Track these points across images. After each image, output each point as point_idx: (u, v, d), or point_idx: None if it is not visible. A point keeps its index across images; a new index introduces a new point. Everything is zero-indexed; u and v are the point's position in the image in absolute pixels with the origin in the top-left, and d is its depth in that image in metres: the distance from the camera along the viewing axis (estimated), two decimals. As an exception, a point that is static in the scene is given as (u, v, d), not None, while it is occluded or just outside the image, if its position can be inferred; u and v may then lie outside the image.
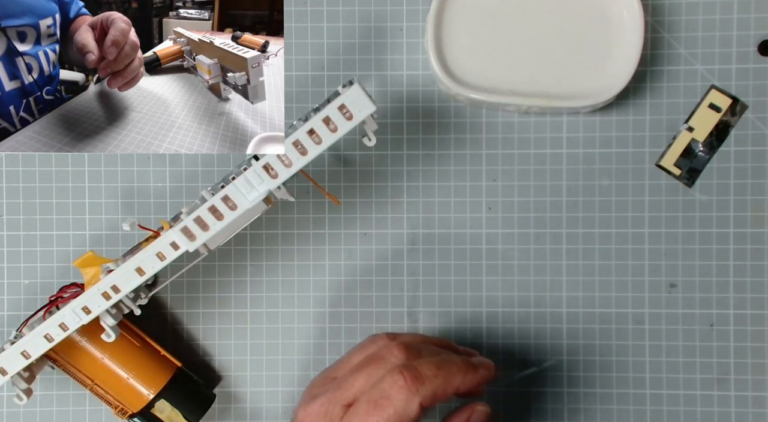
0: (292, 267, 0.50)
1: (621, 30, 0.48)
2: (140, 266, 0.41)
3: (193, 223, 0.41)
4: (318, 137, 0.40)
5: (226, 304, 0.51)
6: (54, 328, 0.42)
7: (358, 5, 0.50)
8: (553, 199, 0.50)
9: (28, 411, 0.50)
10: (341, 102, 0.40)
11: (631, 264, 0.50)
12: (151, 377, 0.47)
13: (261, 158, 0.41)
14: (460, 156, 0.50)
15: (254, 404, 0.51)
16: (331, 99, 0.40)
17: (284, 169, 0.40)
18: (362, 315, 0.51)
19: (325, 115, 0.40)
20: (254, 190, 0.41)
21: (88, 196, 0.50)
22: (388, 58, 0.50)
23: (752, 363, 0.50)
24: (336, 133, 0.40)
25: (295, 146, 0.40)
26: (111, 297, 0.42)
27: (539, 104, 0.48)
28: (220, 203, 0.41)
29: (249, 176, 0.41)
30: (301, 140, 0.40)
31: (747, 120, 0.50)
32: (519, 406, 0.50)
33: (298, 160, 0.40)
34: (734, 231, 0.50)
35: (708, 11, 0.49)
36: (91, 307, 0.42)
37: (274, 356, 0.51)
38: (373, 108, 0.40)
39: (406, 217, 0.50)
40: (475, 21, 0.48)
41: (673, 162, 0.50)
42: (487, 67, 0.48)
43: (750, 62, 0.49)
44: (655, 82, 0.50)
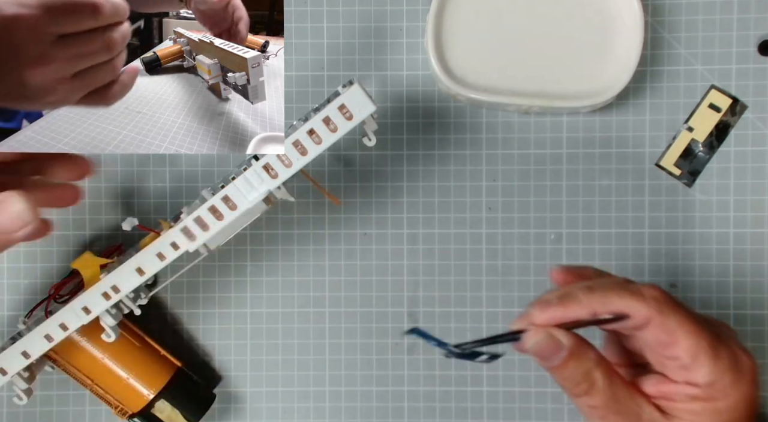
0: (292, 267, 0.50)
1: (621, 30, 0.48)
2: (140, 266, 0.41)
3: (193, 223, 0.41)
4: (318, 137, 0.40)
5: (226, 304, 0.51)
6: (54, 328, 0.42)
7: (358, 5, 0.50)
8: (553, 199, 0.50)
9: (28, 411, 0.50)
10: (341, 102, 0.40)
11: (631, 264, 0.50)
12: (151, 377, 0.47)
13: (261, 158, 0.41)
14: (460, 156, 0.50)
15: (254, 404, 0.51)
16: (331, 99, 0.40)
17: (284, 169, 0.41)
18: (362, 315, 0.51)
19: (325, 115, 0.40)
20: (254, 190, 0.41)
21: (87, 196, 0.50)
22: (388, 58, 0.50)
23: (752, 363, 0.50)
24: (336, 133, 0.40)
25: (295, 146, 0.40)
26: (111, 298, 0.42)
27: (539, 104, 0.48)
28: (220, 203, 0.41)
29: (249, 176, 0.41)
30: (301, 140, 0.40)
31: (747, 120, 0.50)
32: (519, 406, 0.50)
33: (298, 160, 0.40)
34: (734, 232, 0.50)
35: (708, 11, 0.49)
36: (91, 307, 0.42)
37: (274, 356, 0.51)
38: (373, 108, 0.40)
39: (406, 217, 0.50)
40: (475, 21, 0.48)
41: (673, 162, 0.50)
42: (487, 67, 0.48)
43: (750, 62, 0.49)
44: (655, 82, 0.50)
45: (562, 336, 0.35)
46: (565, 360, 0.35)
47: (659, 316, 0.35)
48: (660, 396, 0.36)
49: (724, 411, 0.35)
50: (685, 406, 0.35)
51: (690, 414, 0.35)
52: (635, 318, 0.35)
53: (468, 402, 0.50)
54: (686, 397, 0.35)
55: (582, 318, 0.35)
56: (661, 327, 0.35)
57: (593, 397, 0.35)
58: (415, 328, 0.37)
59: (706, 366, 0.35)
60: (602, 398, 0.35)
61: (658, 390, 0.36)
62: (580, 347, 0.35)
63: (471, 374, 0.50)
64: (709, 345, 0.35)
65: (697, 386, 0.35)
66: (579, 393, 0.36)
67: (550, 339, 0.35)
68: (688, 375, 0.35)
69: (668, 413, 0.36)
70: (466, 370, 0.50)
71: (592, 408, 0.36)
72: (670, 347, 0.35)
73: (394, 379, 0.51)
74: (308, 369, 0.51)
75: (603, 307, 0.35)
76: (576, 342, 0.35)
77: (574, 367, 0.35)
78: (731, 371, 0.35)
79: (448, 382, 0.50)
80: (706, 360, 0.35)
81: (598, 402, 0.35)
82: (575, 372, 0.35)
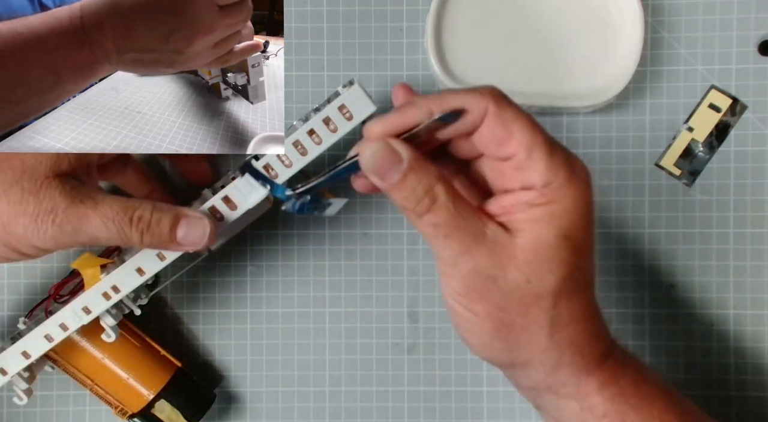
0: (292, 267, 0.50)
1: (621, 30, 0.48)
2: (140, 266, 0.41)
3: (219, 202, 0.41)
4: (318, 137, 0.40)
5: (226, 304, 0.51)
6: (54, 328, 0.42)
7: (358, 5, 0.50)
8: (553, 199, 0.50)
9: (28, 411, 0.50)
10: (341, 102, 0.40)
11: (631, 264, 0.50)
12: (151, 377, 0.47)
13: (261, 158, 0.41)
14: (460, 156, 0.50)
15: (254, 404, 0.51)
16: (332, 99, 0.40)
17: (284, 169, 0.41)
18: (362, 315, 0.51)
19: (325, 115, 0.40)
20: (254, 190, 0.41)
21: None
22: (388, 58, 0.50)
23: (752, 364, 0.50)
24: (336, 133, 0.40)
25: (295, 146, 0.40)
26: (111, 298, 0.42)
27: (539, 104, 0.48)
28: (220, 203, 0.41)
29: (249, 177, 0.41)
30: (301, 140, 0.40)
31: (747, 120, 0.50)
32: (519, 406, 0.50)
33: (298, 160, 0.40)
34: (734, 232, 0.50)
35: (708, 11, 0.49)
36: (91, 307, 0.42)
37: (274, 356, 0.51)
38: (373, 108, 0.40)
39: (406, 218, 0.50)
40: (475, 21, 0.48)
41: (673, 162, 0.50)
42: (486, 67, 0.48)
43: (750, 62, 0.49)
44: (655, 82, 0.50)
45: (400, 147, 0.34)
46: (405, 174, 0.34)
47: (495, 107, 0.34)
48: (501, 212, 0.35)
49: (563, 213, 0.34)
50: (524, 215, 0.35)
51: (530, 223, 0.34)
52: (472, 112, 0.34)
53: (468, 402, 0.50)
54: (524, 205, 0.35)
55: (419, 121, 0.34)
56: (497, 120, 0.34)
57: (436, 213, 0.34)
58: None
59: (542, 162, 0.34)
60: (446, 213, 0.34)
61: (499, 206, 0.35)
62: (419, 160, 0.34)
63: (471, 374, 0.50)
64: (543, 141, 0.34)
65: (533, 188, 0.34)
66: (421, 211, 0.34)
67: (387, 149, 0.34)
68: (524, 177, 0.35)
69: (510, 228, 0.35)
70: (466, 370, 0.50)
71: (436, 226, 0.34)
72: (506, 143, 0.34)
73: (394, 379, 0.51)
74: (308, 369, 0.51)
75: (439, 106, 0.34)
76: (415, 154, 0.34)
77: (415, 181, 0.34)
78: (565, 169, 0.35)
79: (448, 382, 0.50)
80: (541, 156, 0.34)
81: (442, 218, 0.34)
82: (417, 187, 0.34)
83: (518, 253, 0.34)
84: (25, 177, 0.36)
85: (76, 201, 0.37)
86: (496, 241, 0.34)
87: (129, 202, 0.38)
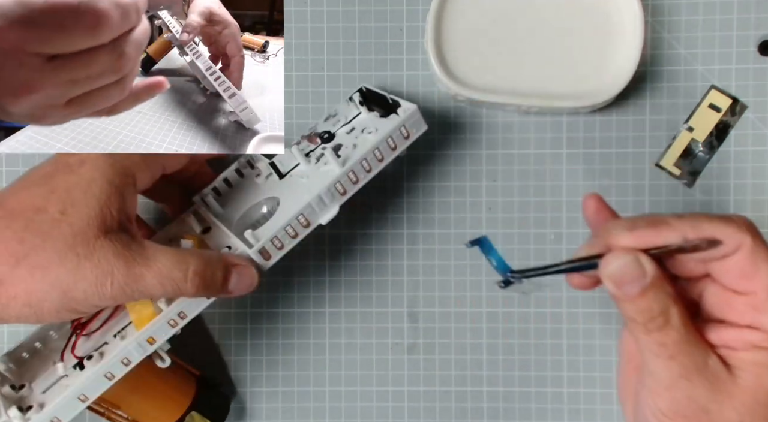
0: (292, 267, 0.50)
1: (621, 30, 0.48)
2: None
3: (271, 245, 0.42)
4: (381, 154, 0.44)
5: (226, 304, 0.51)
6: (116, 365, 0.40)
7: (358, 5, 0.50)
8: (553, 199, 0.50)
9: None
10: (402, 123, 0.43)
11: (631, 264, 0.50)
12: (177, 394, 0.46)
13: (329, 178, 0.42)
14: (460, 156, 0.50)
15: (254, 404, 0.51)
16: (384, 116, 0.44)
17: (352, 185, 0.43)
18: (362, 315, 0.51)
19: (388, 136, 0.43)
20: (327, 208, 0.43)
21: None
22: (388, 58, 0.50)
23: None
24: (395, 151, 0.44)
25: (361, 164, 0.43)
26: (177, 324, 0.41)
27: (539, 104, 0.48)
28: (295, 222, 0.42)
29: (323, 195, 0.42)
30: (367, 158, 0.43)
31: (747, 120, 0.50)
32: (519, 406, 0.50)
33: (364, 177, 0.44)
34: (734, 232, 0.50)
35: (708, 11, 0.49)
36: (156, 337, 0.41)
37: (274, 356, 0.51)
38: (425, 128, 0.44)
39: (406, 218, 0.50)
40: (475, 21, 0.48)
41: (673, 162, 0.50)
42: (487, 67, 0.48)
43: (750, 62, 0.49)
44: (655, 82, 0.50)
45: (647, 263, 0.33)
46: (645, 290, 0.33)
47: (752, 243, 0.33)
48: (721, 344, 0.34)
49: None
50: (748, 356, 0.33)
51: (753, 365, 0.33)
52: (727, 244, 0.33)
53: (468, 402, 0.50)
54: (749, 345, 0.33)
55: (671, 243, 0.33)
56: (749, 256, 0.33)
57: (667, 334, 0.33)
58: (483, 238, 0.35)
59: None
60: (676, 336, 0.33)
61: (719, 337, 0.34)
62: (661, 278, 0.33)
63: (471, 374, 0.50)
64: None
65: (760, 330, 0.33)
66: (652, 328, 0.33)
67: (636, 264, 0.33)
68: (755, 317, 0.33)
69: (731, 365, 0.33)
70: (466, 370, 0.50)
71: (662, 345, 0.33)
72: (750, 279, 0.33)
73: (394, 379, 0.51)
74: (308, 369, 0.51)
75: (695, 232, 0.33)
76: (659, 272, 0.33)
77: (653, 299, 0.33)
78: None
79: (448, 382, 0.50)
80: None
81: (671, 340, 0.33)
82: (653, 305, 0.33)
83: (737, 393, 0.33)
84: (78, 241, 0.36)
85: (130, 261, 0.36)
86: (716, 375, 0.33)
87: (180, 256, 0.38)
